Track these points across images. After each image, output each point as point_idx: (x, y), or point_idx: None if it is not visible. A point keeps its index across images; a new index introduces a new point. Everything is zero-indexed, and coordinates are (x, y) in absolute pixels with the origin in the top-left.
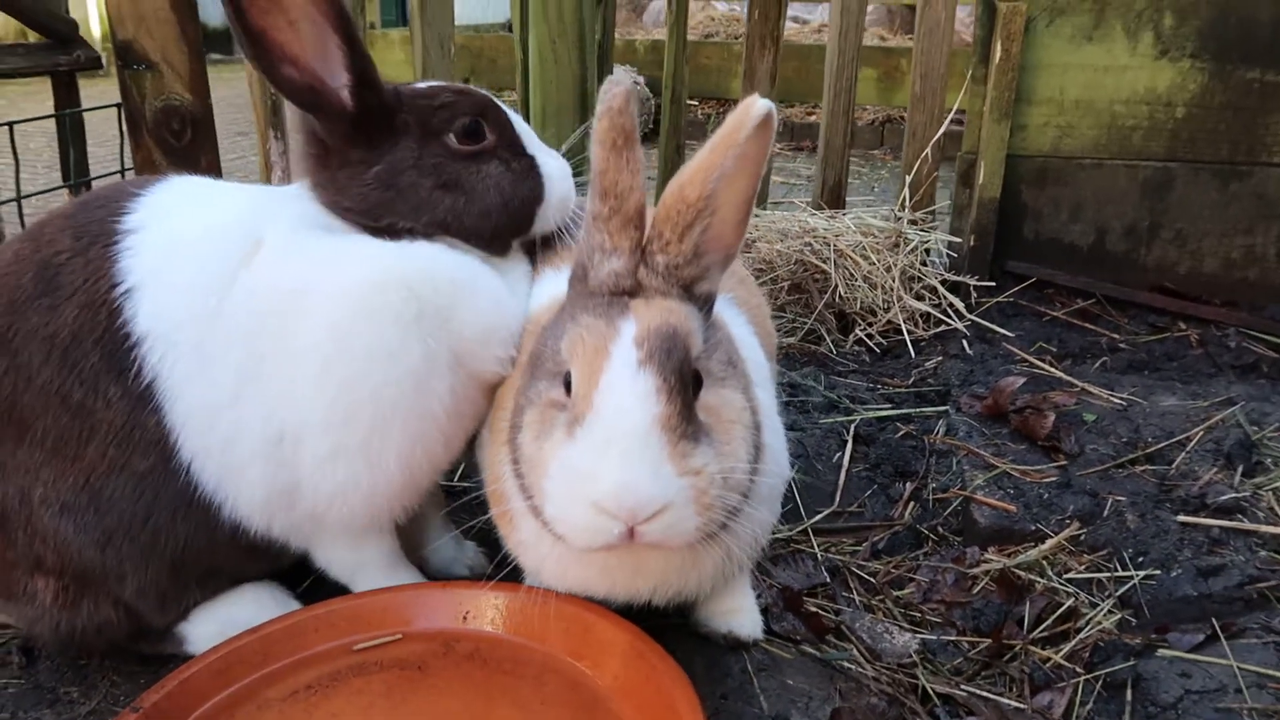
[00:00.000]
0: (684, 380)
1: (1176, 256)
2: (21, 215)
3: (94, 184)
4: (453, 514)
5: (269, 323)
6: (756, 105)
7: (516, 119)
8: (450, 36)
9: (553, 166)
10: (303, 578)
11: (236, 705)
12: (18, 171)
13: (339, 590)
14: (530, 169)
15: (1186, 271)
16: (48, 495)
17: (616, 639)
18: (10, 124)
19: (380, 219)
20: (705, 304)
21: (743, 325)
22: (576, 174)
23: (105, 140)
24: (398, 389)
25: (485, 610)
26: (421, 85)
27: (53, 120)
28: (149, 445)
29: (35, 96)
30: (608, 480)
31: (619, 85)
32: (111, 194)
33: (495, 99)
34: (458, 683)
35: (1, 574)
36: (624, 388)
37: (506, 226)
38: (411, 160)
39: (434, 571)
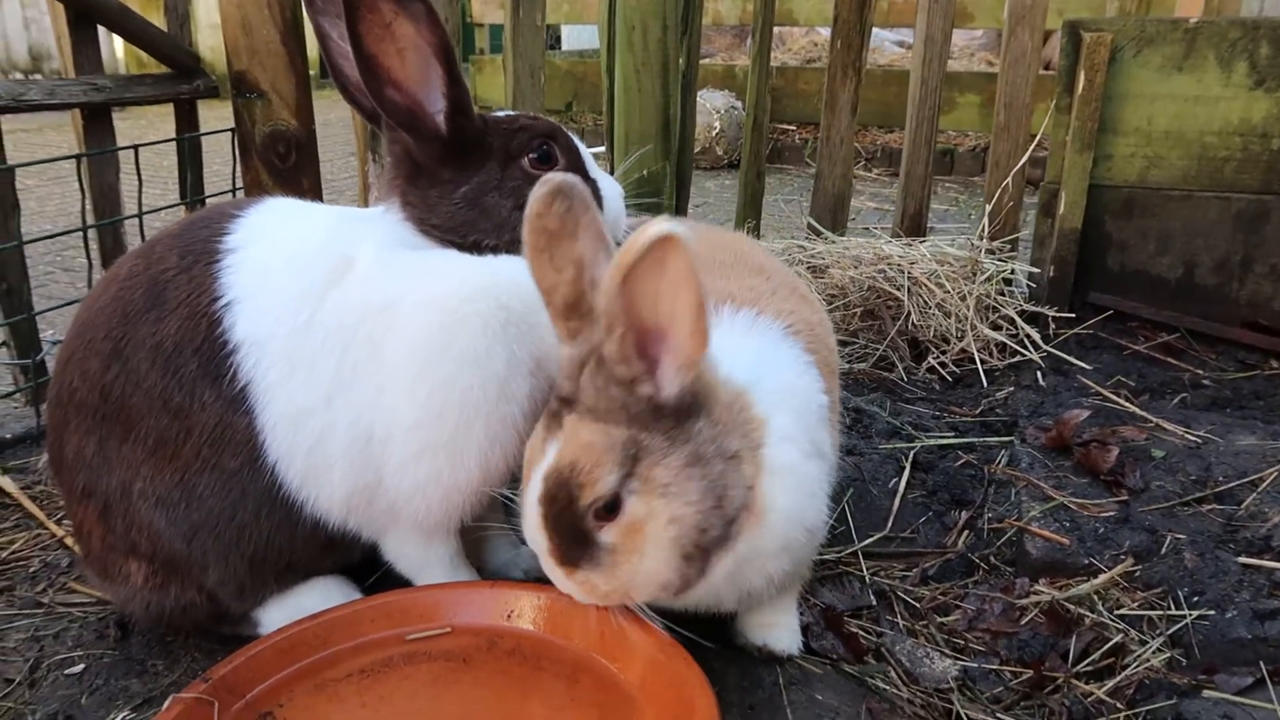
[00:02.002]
0: (567, 521)
1: (1271, 292)
2: (142, 229)
3: (207, 201)
4: (513, 522)
5: (360, 335)
6: (649, 231)
7: (580, 145)
8: (540, 66)
9: (609, 189)
10: (369, 574)
11: (297, 682)
12: (140, 190)
13: (400, 585)
14: (594, 191)
15: None
16: (145, 489)
17: (645, 642)
18: (135, 147)
19: (466, 236)
20: (670, 411)
21: (798, 355)
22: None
23: (228, 158)
24: (483, 392)
25: (528, 610)
26: (500, 113)
27: (173, 143)
28: (239, 445)
29: (162, 122)
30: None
31: (542, 187)
32: (214, 215)
33: (562, 127)
34: (498, 676)
35: (100, 556)
36: (530, 514)
37: None
38: (494, 182)
39: (491, 574)
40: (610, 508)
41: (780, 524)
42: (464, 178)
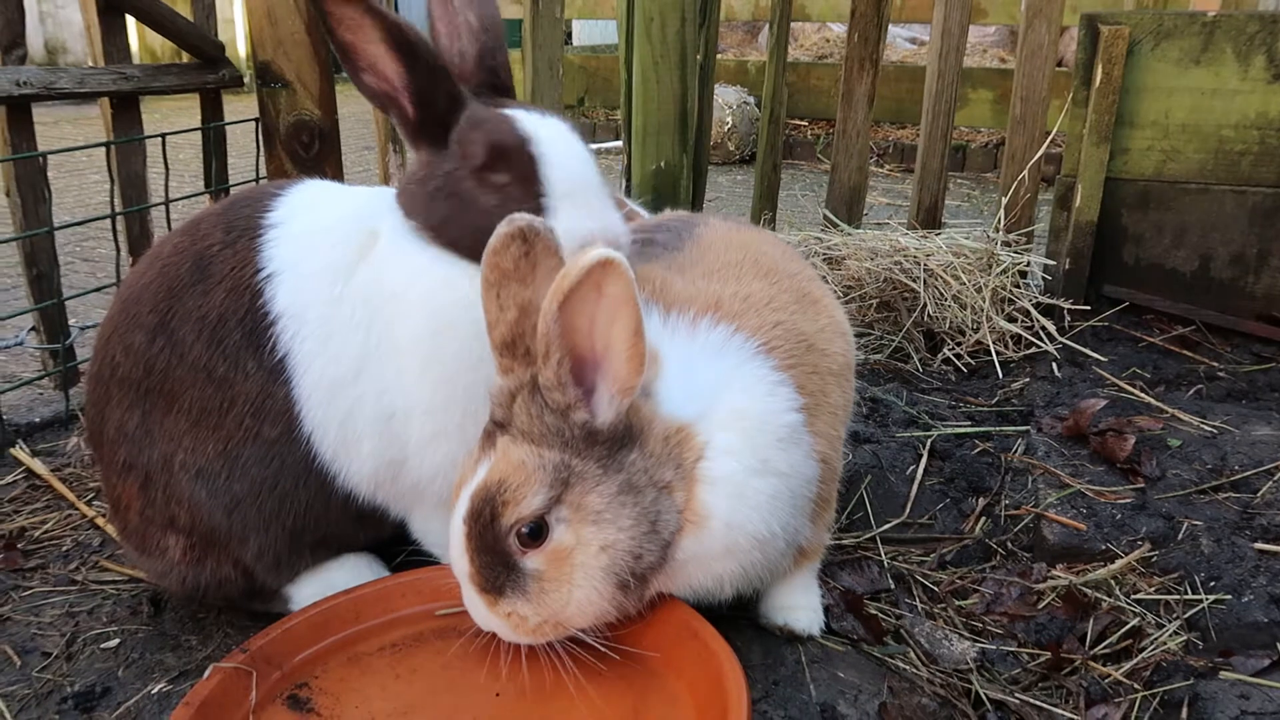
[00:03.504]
0: (489, 542)
1: None
2: (169, 218)
3: (231, 190)
4: None
5: (377, 317)
6: (587, 256)
7: (560, 171)
8: (559, 59)
9: (571, 227)
10: (397, 553)
11: (330, 655)
12: (167, 178)
13: (428, 563)
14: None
15: None
16: (187, 461)
17: (671, 618)
18: (163, 136)
19: (439, 234)
20: (603, 439)
21: (764, 375)
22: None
23: (244, 151)
24: (485, 387)
25: None
26: (505, 110)
27: (198, 132)
28: (278, 415)
29: (185, 111)
30: None
31: (505, 226)
32: (257, 194)
33: (531, 139)
34: (527, 651)
35: (139, 529)
36: (454, 535)
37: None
38: (449, 182)
39: None
40: (535, 533)
41: (720, 530)
42: (432, 171)
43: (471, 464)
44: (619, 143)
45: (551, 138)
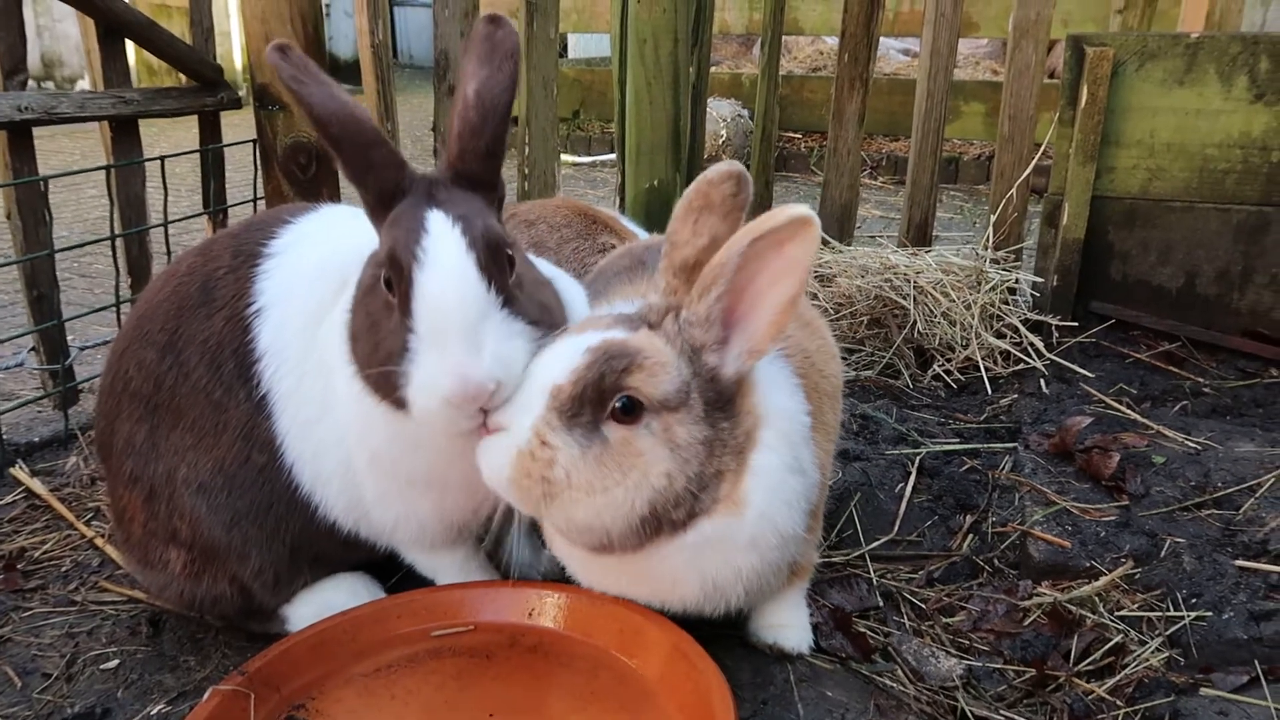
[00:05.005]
0: (597, 385)
1: (1271, 301)
2: (167, 238)
3: (229, 211)
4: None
5: (333, 368)
6: (790, 210)
7: (431, 310)
8: (554, 79)
9: (426, 381)
10: (393, 573)
11: (328, 677)
12: (166, 199)
13: (425, 584)
14: (398, 347)
15: None
16: (189, 476)
17: (662, 639)
18: (162, 159)
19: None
20: (717, 390)
21: (788, 377)
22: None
23: (241, 165)
24: (411, 465)
25: (548, 608)
26: (421, 212)
27: (188, 154)
28: (265, 444)
29: (181, 126)
30: None
31: (727, 165)
32: (270, 218)
33: (418, 269)
34: (520, 672)
35: (142, 542)
36: (571, 354)
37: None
38: (370, 265)
39: (513, 574)
40: (630, 411)
41: (753, 518)
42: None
43: (600, 323)
44: (614, 155)
45: (439, 263)
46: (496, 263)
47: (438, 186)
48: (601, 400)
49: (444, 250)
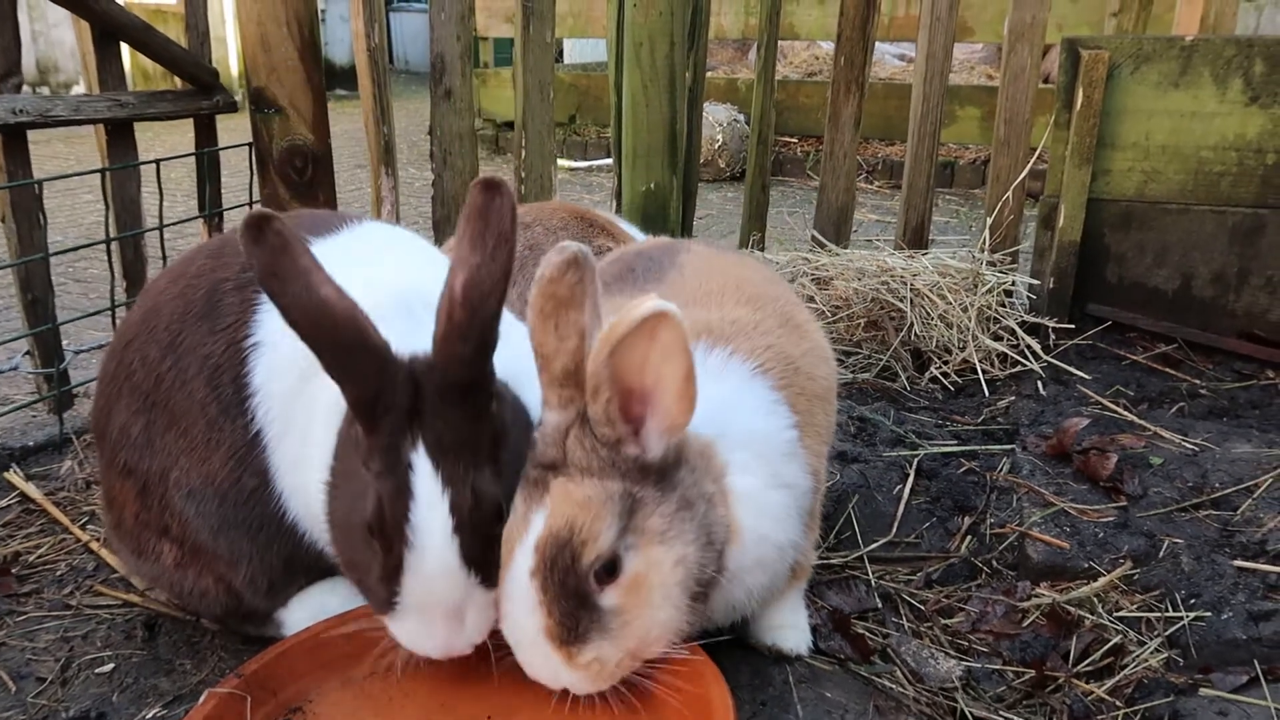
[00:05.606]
0: (570, 589)
1: (1267, 303)
2: (163, 243)
3: (225, 215)
4: None
5: (310, 425)
6: (643, 307)
7: (420, 581)
8: (550, 82)
9: (411, 636)
10: None
11: (324, 680)
12: (161, 203)
13: None
14: (383, 593)
15: (1278, 319)
16: (180, 479)
17: None
18: (157, 162)
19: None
20: (655, 468)
21: (764, 395)
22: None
23: (236, 170)
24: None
25: None
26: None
27: (184, 157)
28: (256, 470)
29: (177, 129)
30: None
31: (560, 254)
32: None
33: (406, 545)
34: (518, 674)
35: (134, 532)
36: (518, 595)
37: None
38: (354, 472)
39: None
40: (610, 568)
41: (752, 542)
42: (348, 463)
43: (521, 518)
44: (610, 160)
45: (426, 551)
46: (483, 539)
47: (424, 402)
48: (583, 597)
49: (432, 532)
